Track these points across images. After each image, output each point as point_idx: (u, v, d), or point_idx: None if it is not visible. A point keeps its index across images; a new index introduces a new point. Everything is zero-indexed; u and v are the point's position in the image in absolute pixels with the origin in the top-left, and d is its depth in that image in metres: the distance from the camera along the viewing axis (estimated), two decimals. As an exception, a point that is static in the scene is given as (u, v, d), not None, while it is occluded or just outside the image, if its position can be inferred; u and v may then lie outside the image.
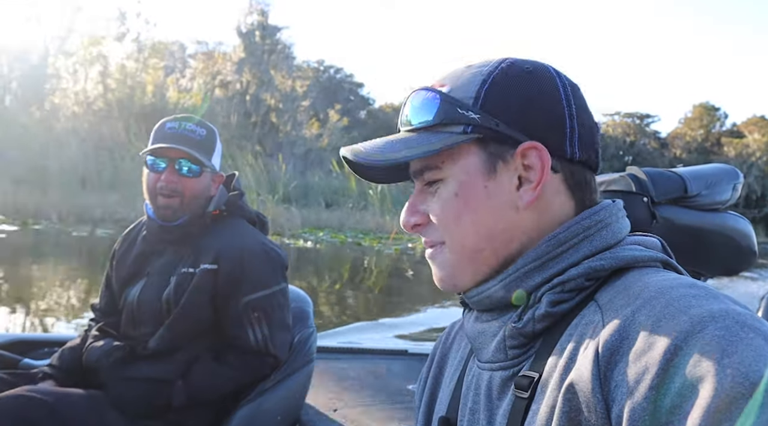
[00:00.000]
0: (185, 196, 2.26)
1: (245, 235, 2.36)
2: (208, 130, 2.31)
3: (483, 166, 0.87)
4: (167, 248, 2.35)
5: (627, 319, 0.70)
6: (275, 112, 25.26)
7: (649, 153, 39.10)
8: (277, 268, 2.35)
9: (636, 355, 0.66)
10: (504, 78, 0.87)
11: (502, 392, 0.86)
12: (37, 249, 13.24)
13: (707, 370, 0.60)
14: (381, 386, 3.46)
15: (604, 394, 0.68)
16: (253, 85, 25.05)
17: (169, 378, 2.20)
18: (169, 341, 2.23)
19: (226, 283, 2.25)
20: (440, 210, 0.90)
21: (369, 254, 15.49)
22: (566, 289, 0.81)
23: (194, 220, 2.29)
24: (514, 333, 0.84)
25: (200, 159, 2.23)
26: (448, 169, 0.89)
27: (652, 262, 0.84)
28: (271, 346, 2.29)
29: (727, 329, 0.63)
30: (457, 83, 0.89)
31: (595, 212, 0.87)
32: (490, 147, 0.87)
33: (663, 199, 1.63)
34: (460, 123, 0.86)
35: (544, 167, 0.85)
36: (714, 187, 1.68)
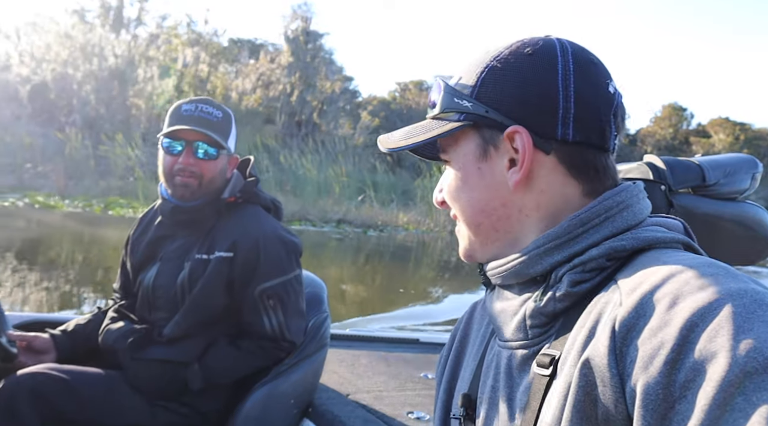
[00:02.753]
0: (204, 178, 2.17)
1: (261, 223, 2.25)
2: (224, 113, 2.20)
3: (477, 150, 0.90)
4: (180, 233, 2.25)
5: (644, 296, 0.68)
6: (317, 113, 25.28)
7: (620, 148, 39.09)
8: (291, 255, 2.25)
9: (652, 331, 0.64)
10: (500, 64, 0.88)
11: (522, 370, 0.84)
12: (374, 249, 14.44)
13: (722, 346, 0.58)
14: (393, 373, 3.36)
15: (620, 369, 0.66)
16: (299, 87, 25.10)
17: (185, 361, 2.13)
18: (184, 328, 2.15)
19: (241, 271, 2.16)
20: (446, 187, 0.95)
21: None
22: (587, 269, 0.79)
23: (208, 204, 2.20)
24: (534, 312, 0.82)
25: (218, 141, 2.14)
26: (452, 152, 0.94)
27: (674, 243, 0.81)
28: (286, 332, 2.20)
29: (745, 307, 0.61)
30: (467, 70, 0.92)
31: (616, 193, 0.85)
32: (484, 132, 0.89)
33: (681, 188, 1.55)
34: (456, 111, 0.90)
35: (526, 150, 0.85)
36: (732, 176, 1.59)
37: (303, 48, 25.67)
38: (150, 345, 2.14)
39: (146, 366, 2.12)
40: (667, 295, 0.66)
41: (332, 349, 3.08)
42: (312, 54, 26.14)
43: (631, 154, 35.40)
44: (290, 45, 25.81)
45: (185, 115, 2.14)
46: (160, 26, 26.04)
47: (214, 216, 2.22)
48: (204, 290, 2.14)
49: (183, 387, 2.12)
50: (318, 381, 2.58)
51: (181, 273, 2.17)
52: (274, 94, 24.61)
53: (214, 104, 2.19)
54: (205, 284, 2.14)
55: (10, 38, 22.54)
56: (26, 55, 22.17)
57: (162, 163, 2.18)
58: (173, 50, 25.03)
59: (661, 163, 1.55)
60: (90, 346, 2.25)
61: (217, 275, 2.14)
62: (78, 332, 2.29)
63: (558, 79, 0.85)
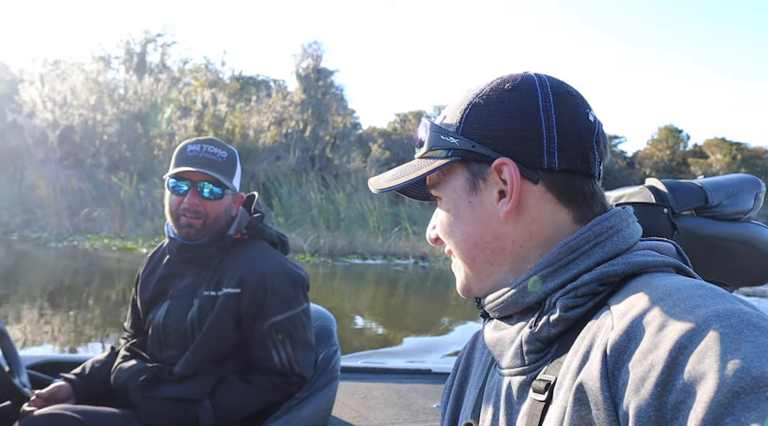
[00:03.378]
0: (208, 217, 2.15)
1: (267, 259, 2.22)
2: (228, 152, 2.18)
3: (466, 184, 0.90)
4: (188, 270, 2.22)
5: (634, 320, 0.68)
6: (330, 147, 25.34)
7: (618, 171, 38.91)
8: (299, 289, 2.21)
9: (642, 354, 0.64)
10: (483, 101, 0.89)
11: (520, 396, 0.83)
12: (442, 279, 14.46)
13: (710, 367, 0.58)
14: (405, 405, 3.26)
15: (612, 392, 0.65)
16: (311, 123, 25.21)
17: (196, 398, 2.08)
18: (194, 365, 2.11)
19: (249, 306, 2.12)
20: (439, 223, 0.95)
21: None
22: (579, 294, 0.79)
23: (213, 242, 2.18)
24: (530, 338, 0.82)
25: (222, 181, 2.12)
26: (442, 188, 0.93)
27: (665, 266, 0.80)
28: (296, 366, 2.15)
29: (732, 328, 0.60)
30: (451, 109, 0.93)
31: (606, 218, 0.85)
32: (472, 166, 0.89)
33: (684, 210, 1.50)
34: (443, 148, 0.90)
35: (513, 181, 0.85)
36: (735, 197, 1.54)
37: (314, 85, 25.74)
38: (161, 383, 2.10)
39: (158, 404, 2.08)
40: (656, 318, 0.66)
41: (344, 382, 2.99)
42: (323, 91, 26.19)
43: (629, 176, 35.32)
44: (302, 82, 25.88)
45: (190, 155, 2.13)
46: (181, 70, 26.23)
47: (220, 253, 2.19)
48: (213, 327, 2.10)
49: (195, 424, 2.07)
50: (330, 414, 2.52)
51: (190, 310, 2.14)
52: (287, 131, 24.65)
53: (219, 144, 2.18)
54: (214, 321, 2.10)
55: (34, 84, 22.59)
56: (49, 101, 22.28)
57: (168, 202, 2.17)
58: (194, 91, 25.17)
59: (662, 186, 1.52)
60: (106, 387, 2.23)
61: (226, 311, 2.11)
62: (94, 375, 2.26)
63: (539, 111, 0.85)
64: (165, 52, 26.09)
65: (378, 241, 18.69)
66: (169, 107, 23.11)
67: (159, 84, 24.05)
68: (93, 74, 23.21)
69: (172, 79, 25.09)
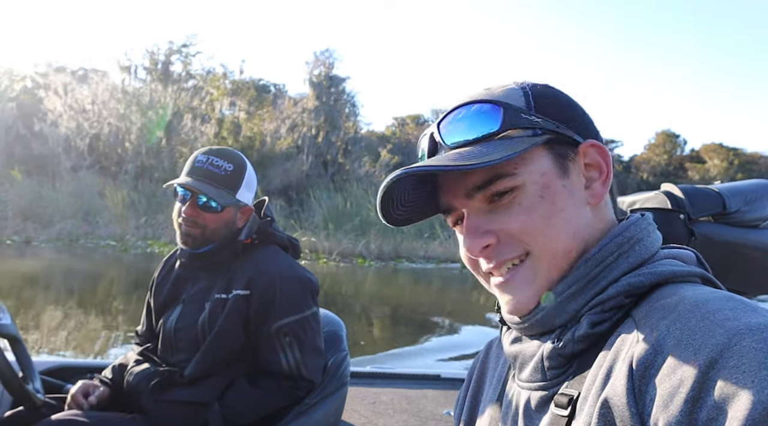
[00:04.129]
0: (207, 228, 2.07)
1: (277, 262, 2.14)
2: (236, 165, 2.09)
3: (556, 167, 0.78)
4: (201, 275, 2.16)
5: (661, 333, 0.63)
6: (342, 153, 25.25)
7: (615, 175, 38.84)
8: (308, 293, 2.13)
9: (670, 369, 0.59)
10: (539, 88, 0.82)
11: (540, 411, 0.77)
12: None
13: (744, 384, 0.53)
14: (414, 411, 3.15)
15: (639, 408, 0.60)
16: (324, 129, 25.12)
17: (205, 401, 2.01)
18: (204, 368, 2.03)
19: (258, 308, 2.04)
20: (527, 217, 0.77)
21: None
22: (606, 308, 0.73)
23: (223, 248, 2.10)
24: (553, 354, 0.76)
25: (216, 197, 2.02)
26: (523, 173, 0.77)
27: (691, 277, 0.74)
28: (303, 370, 2.07)
29: (765, 342, 0.56)
30: (500, 96, 0.80)
31: (626, 228, 0.79)
32: (557, 148, 0.79)
33: (701, 216, 1.42)
34: (526, 127, 0.77)
35: (607, 163, 0.80)
36: (754, 203, 1.46)
37: (326, 92, 25.64)
38: (172, 387, 2.03)
39: (167, 408, 2.01)
40: (685, 331, 0.61)
41: (353, 387, 2.87)
42: (335, 97, 26.07)
43: (626, 180, 35.04)
44: (315, 89, 25.79)
45: (197, 166, 2.06)
46: (204, 79, 26.23)
47: (231, 258, 2.12)
48: (222, 328, 2.03)
49: None
50: (339, 420, 2.44)
51: (201, 314, 2.07)
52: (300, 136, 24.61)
53: (228, 156, 2.09)
54: (224, 322, 2.03)
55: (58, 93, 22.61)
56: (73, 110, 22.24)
57: (175, 209, 2.11)
58: (215, 100, 25.17)
59: (679, 192, 1.44)
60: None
61: (235, 313, 2.04)
62: (116, 380, 2.19)
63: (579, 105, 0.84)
64: (188, 62, 26.01)
65: (418, 245, 18.80)
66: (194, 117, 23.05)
67: (182, 93, 24.00)
68: (120, 84, 23.16)
69: (194, 87, 25.01)
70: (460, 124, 0.80)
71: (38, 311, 8.35)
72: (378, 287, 13.80)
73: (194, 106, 24.87)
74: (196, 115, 24.39)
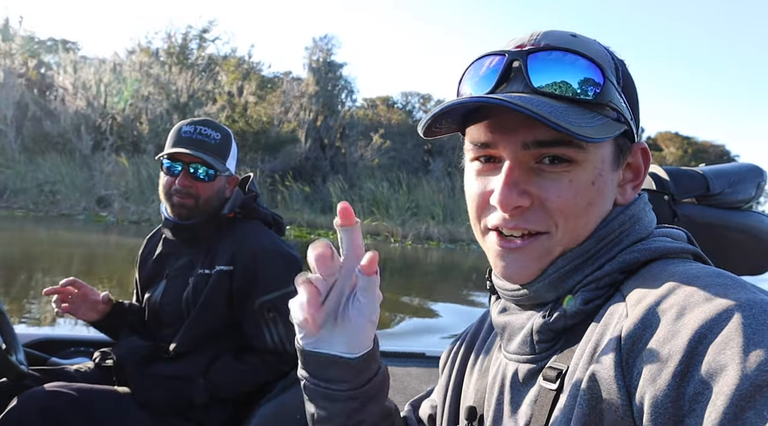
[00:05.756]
0: (200, 198, 1.94)
1: (260, 237, 2.00)
2: (223, 134, 1.97)
3: (613, 158, 0.70)
4: (184, 250, 2.02)
5: (650, 307, 0.58)
6: (340, 136, 24.83)
7: None
8: (291, 269, 1.98)
9: (659, 343, 0.55)
10: (622, 62, 0.71)
11: (528, 384, 0.72)
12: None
13: (731, 359, 0.50)
14: (399, 388, 3.02)
15: (626, 381, 0.57)
16: (322, 114, 24.66)
17: (190, 376, 1.89)
18: (189, 343, 1.90)
19: (241, 284, 1.92)
20: (572, 197, 0.67)
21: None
22: (601, 285, 0.68)
23: (208, 221, 1.97)
24: (543, 328, 0.70)
25: (214, 164, 1.91)
26: (590, 153, 0.67)
27: (683, 253, 0.70)
28: (288, 345, 1.94)
29: (754, 318, 0.52)
30: (596, 55, 0.67)
31: (627, 207, 0.73)
32: (621, 139, 0.70)
33: (685, 198, 1.33)
34: (614, 108, 0.68)
35: (646, 170, 0.73)
36: (737, 185, 1.37)
37: (324, 77, 25.08)
38: (157, 361, 1.91)
39: (152, 382, 1.88)
40: (673, 306, 0.57)
41: None
42: (333, 82, 25.51)
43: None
44: (314, 74, 25.18)
45: (184, 137, 1.92)
46: (219, 63, 25.63)
47: (214, 232, 1.99)
48: (206, 304, 1.91)
49: (189, 402, 1.87)
50: None
51: (186, 290, 1.94)
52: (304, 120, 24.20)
53: (213, 125, 1.97)
54: (207, 298, 1.91)
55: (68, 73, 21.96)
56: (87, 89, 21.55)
57: (162, 182, 1.97)
58: (227, 84, 24.60)
59: (664, 174, 1.36)
60: (129, 322, 2.05)
61: (219, 289, 1.91)
62: (125, 310, 2.06)
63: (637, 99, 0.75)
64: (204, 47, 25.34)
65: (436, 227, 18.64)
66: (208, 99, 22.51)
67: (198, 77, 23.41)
68: (144, 67, 22.48)
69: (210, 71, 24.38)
70: (555, 71, 0.66)
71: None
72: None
73: (209, 90, 24.29)
74: (209, 99, 23.84)
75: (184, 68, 23.19)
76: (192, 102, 22.41)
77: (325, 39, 25.61)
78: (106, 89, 21.29)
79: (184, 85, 22.50)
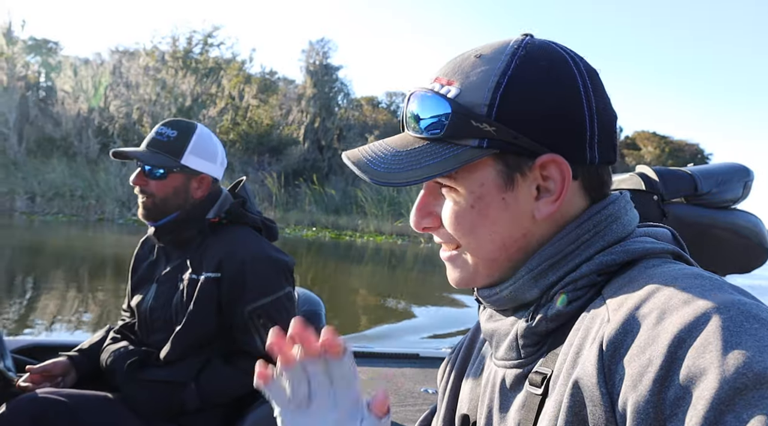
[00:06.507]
0: (156, 196, 1.88)
1: (247, 243, 1.91)
2: (179, 131, 1.90)
3: (500, 179, 0.68)
4: (173, 254, 1.96)
5: (631, 312, 0.57)
6: (337, 138, 24.67)
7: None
8: (280, 273, 1.91)
9: (639, 349, 0.54)
10: (520, 80, 0.65)
11: (515, 389, 0.71)
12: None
13: (710, 362, 0.48)
14: (393, 389, 2.93)
15: (609, 387, 0.55)
16: (320, 116, 24.48)
17: (182, 381, 1.81)
18: (179, 348, 1.82)
19: (229, 291, 1.84)
20: (454, 219, 0.70)
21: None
22: (579, 287, 0.66)
23: (188, 223, 1.90)
24: (526, 332, 0.68)
25: (152, 161, 1.85)
26: (462, 180, 0.68)
27: (663, 253, 0.67)
28: None
29: (732, 320, 0.51)
30: (468, 82, 0.67)
31: (604, 207, 0.70)
32: (508, 159, 0.67)
33: (673, 198, 1.30)
34: (474, 136, 0.66)
35: (564, 181, 0.67)
36: (724, 184, 1.33)
37: (321, 79, 24.91)
38: (148, 366, 1.84)
39: (143, 387, 1.80)
40: (653, 310, 0.55)
41: None
42: (329, 85, 25.35)
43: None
44: (312, 77, 25.01)
45: (146, 137, 1.91)
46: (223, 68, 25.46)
47: (200, 236, 1.92)
48: (195, 311, 1.83)
49: (180, 408, 1.80)
50: None
51: (175, 294, 1.87)
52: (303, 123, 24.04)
53: (173, 124, 1.92)
54: (196, 305, 1.83)
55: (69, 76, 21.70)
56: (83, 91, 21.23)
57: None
58: (231, 88, 24.41)
59: (652, 174, 1.33)
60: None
61: (207, 296, 1.83)
62: (94, 351, 1.99)
63: (582, 99, 0.66)
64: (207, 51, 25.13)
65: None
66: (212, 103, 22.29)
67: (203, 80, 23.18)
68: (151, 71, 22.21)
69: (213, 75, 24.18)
70: (415, 112, 0.70)
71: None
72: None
73: (212, 94, 24.07)
74: (213, 102, 23.63)
75: (189, 72, 22.98)
76: (196, 106, 22.21)
77: (321, 42, 25.74)
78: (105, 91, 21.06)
79: (188, 88, 22.29)
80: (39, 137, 19.98)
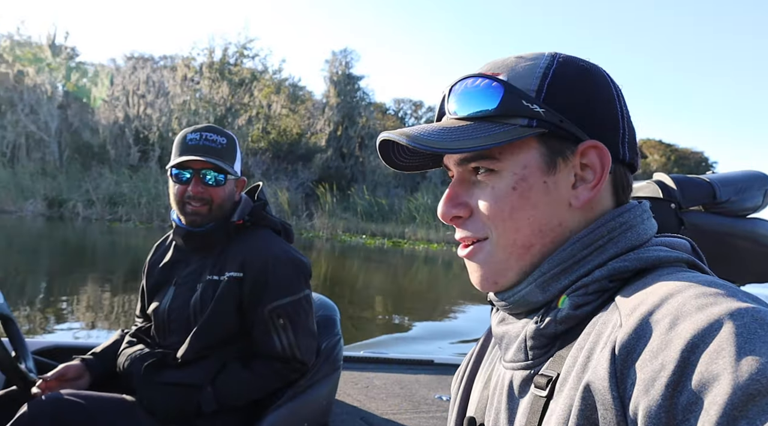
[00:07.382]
0: (213, 203, 1.84)
1: (270, 244, 1.89)
2: (228, 139, 1.87)
3: (543, 162, 0.67)
4: (193, 257, 1.92)
5: (644, 317, 0.55)
6: (359, 146, 24.61)
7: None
8: (301, 275, 1.88)
9: (652, 354, 0.52)
10: (565, 73, 0.67)
11: (522, 391, 0.69)
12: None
13: (723, 368, 0.47)
14: (407, 395, 2.81)
15: (620, 392, 0.54)
16: (343, 124, 24.45)
17: (198, 384, 1.77)
18: (197, 349, 1.79)
19: (251, 290, 1.81)
20: (494, 203, 0.68)
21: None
22: (590, 291, 0.64)
23: (219, 227, 1.87)
24: (535, 334, 0.67)
25: (224, 168, 1.82)
26: (506, 161, 0.67)
27: (677, 262, 0.65)
28: (297, 352, 1.83)
29: (745, 327, 0.49)
30: (514, 73, 0.68)
31: (620, 214, 0.68)
32: (552, 142, 0.67)
33: (691, 206, 1.24)
34: (523, 115, 0.66)
35: (604, 167, 0.67)
36: (744, 192, 1.26)
37: (344, 89, 24.92)
38: (165, 369, 1.80)
39: (160, 390, 1.76)
40: (666, 316, 0.53)
41: (346, 372, 2.59)
42: (351, 94, 25.39)
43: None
44: (335, 86, 25.00)
45: (191, 144, 1.82)
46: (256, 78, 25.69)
47: (225, 239, 1.89)
48: (215, 311, 1.80)
49: (197, 410, 1.75)
50: (332, 404, 2.24)
51: (193, 296, 1.84)
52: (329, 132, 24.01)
53: (218, 131, 1.87)
54: (217, 304, 1.80)
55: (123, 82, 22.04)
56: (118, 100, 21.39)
57: (173, 191, 1.88)
58: (263, 98, 24.53)
59: (670, 182, 1.26)
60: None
61: (228, 295, 1.80)
62: (108, 354, 1.96)
63: (616, 98, 0.69)
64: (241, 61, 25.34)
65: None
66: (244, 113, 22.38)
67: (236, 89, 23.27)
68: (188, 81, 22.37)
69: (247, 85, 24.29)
70: (461, 96, 0.69)
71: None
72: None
73: (245, 103, 24.18)
74: (245, 111, 23.75)
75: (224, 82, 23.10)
76: (230, 114, 22.30)
77: (344, 52, 25.72)
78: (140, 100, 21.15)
79: (222, 98, 22.41)
80: (79, 145, 20.26)
